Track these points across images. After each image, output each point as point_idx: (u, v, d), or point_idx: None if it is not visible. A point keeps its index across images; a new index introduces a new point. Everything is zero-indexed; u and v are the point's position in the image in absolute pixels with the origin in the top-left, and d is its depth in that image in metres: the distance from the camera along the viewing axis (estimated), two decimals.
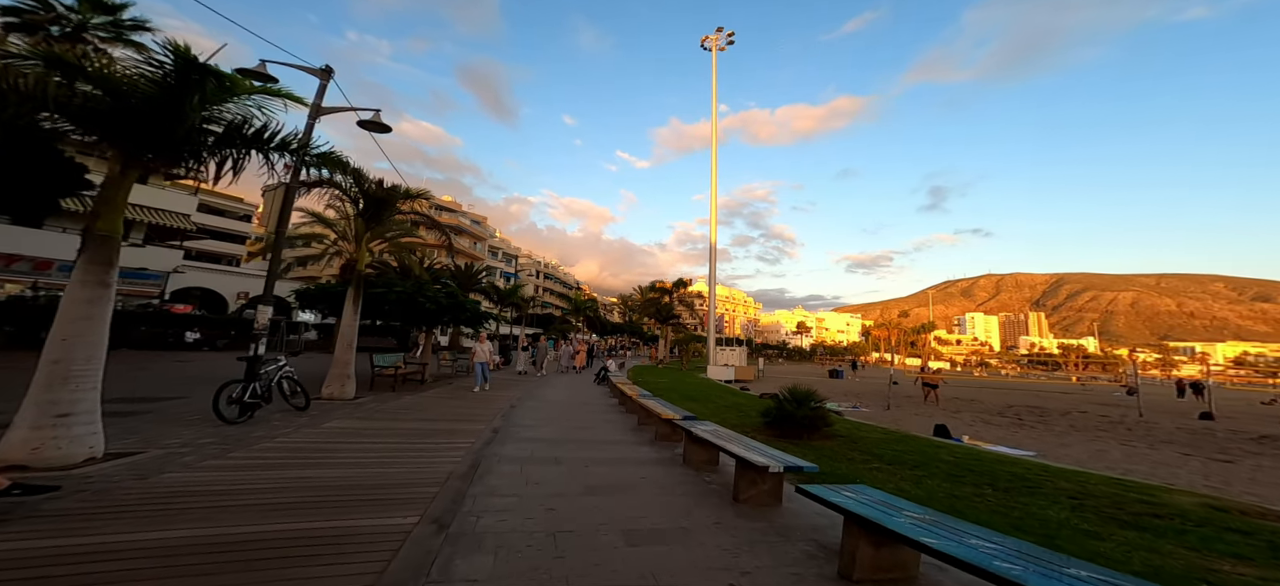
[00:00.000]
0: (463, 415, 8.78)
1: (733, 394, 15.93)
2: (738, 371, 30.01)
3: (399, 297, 12.40)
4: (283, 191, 7.54)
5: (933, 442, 8.04)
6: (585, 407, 10.91)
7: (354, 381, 9.61)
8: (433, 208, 62.46)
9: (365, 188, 9.92)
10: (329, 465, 5.01)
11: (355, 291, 9.79)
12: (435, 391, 11.90)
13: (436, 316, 13.46)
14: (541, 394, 12.97)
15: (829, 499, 3.25)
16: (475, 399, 11.04)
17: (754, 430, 8.54)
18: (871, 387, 29.77)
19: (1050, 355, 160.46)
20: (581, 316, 45.85)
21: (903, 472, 5.67)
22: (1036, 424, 14.66)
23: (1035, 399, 25.84)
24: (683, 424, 6.48)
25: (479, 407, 9.78)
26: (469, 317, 14.71)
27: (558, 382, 16.29)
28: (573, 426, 8.47)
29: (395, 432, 6.85)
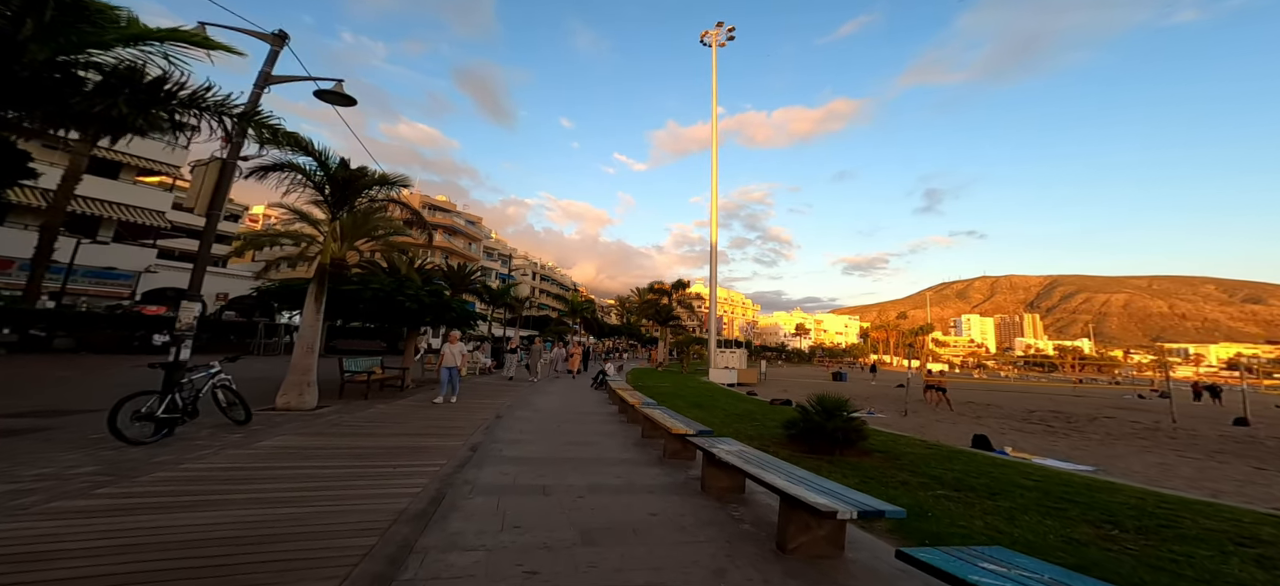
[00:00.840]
0: (438, 428, 7.56)
1: (741, 400, 14.77)
2: (741, 374, 28.87)
3: (375, 295, 11.15)
4: (216, 167, 6.32)
5: (989, 459, 6.90)
6: (581, 418, 9.71)
7: (315, 389, 8.37)
8: (425, 206, 61.25)
9: (330, 170, 8.71)
10: (233, 503, 3.77)
11: (318, 287, 8.55)
12: (415, 399, 10.66)
13: (418, 316, 12.22)
14: (533, 401, 11.75)
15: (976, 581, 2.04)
16: (457, 409, 9.81)
17: (777, 444, 7.38)
18: (879, 391, 28.69)
19: (1046, 357, 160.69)
20: (578, 318, 44.60)
21: (981, 502, 4.51)
22: (1070, 431, 13.58)
23: (1049, 402, 24.85)
24: (699, 442, 5.30)
25: (460, 419, 8.55)
26: (455, 318, 13.48)
27: (552, 388, 15.07)
28: (566, 441, 7.27)
29: (349, 452, 5.62)
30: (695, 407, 12.09)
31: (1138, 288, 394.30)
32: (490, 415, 9.18)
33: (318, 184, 9.03)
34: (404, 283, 12.59)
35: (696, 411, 11.44)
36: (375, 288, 11.35)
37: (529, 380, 15.24)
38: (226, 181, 6.48)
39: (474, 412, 9.37)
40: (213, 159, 6.39)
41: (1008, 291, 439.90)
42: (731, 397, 15.30)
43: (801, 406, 7.50)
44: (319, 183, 9.01)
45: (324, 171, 8.75)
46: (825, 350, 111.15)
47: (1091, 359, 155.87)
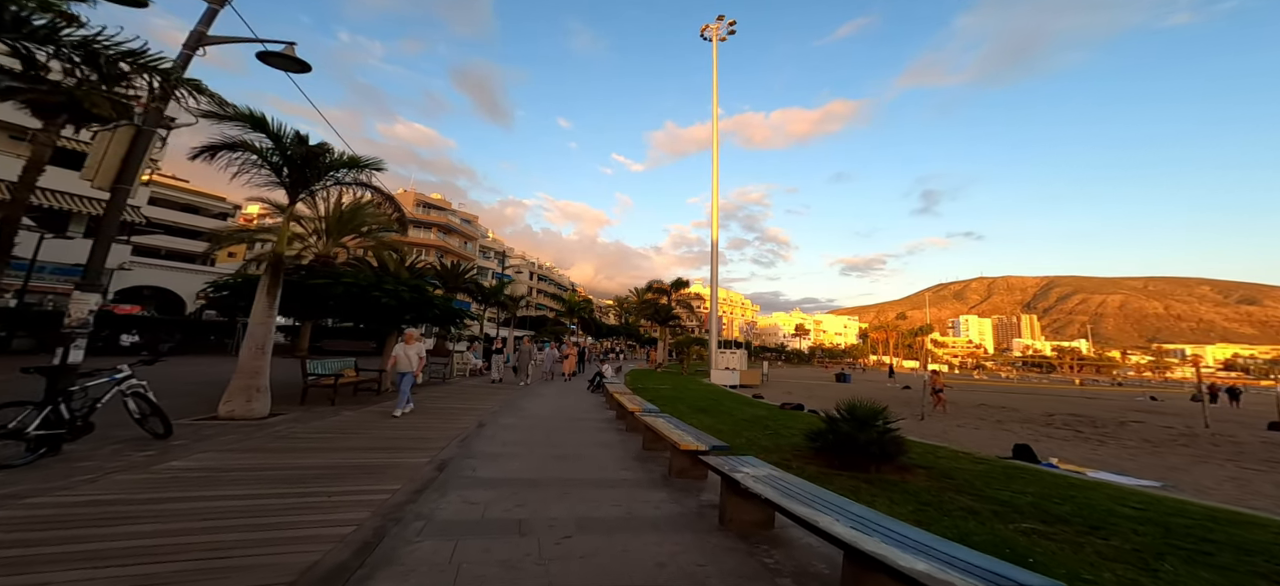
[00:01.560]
0: (405, 441, 6.47)
1: (748, 404, 13.73)
2: (742, 376, 27.85)
3: (347, 291, 10.05)
4: (125, 135, 5.23)
5: (1058, 478, 5.85)
6: (574, 426, 8.64)
7: (267, 395, 7.26)
8: (419, 204, 60.00)
9: (285, 149, 7.61)
10: (64, 561, 2.69)
11: (270, 281, 7.44)
12: (390, 406, 9.57)
13: (397, 314, 11.12)
14: (523, 406, 10.66)
15: None
16: (433, 417, 8.73)
17: (801, 457, 6.33)
18: (888, 394, 27.71)
19: (1044, 357, 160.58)
20: (576, 318, 43.46)
21: (1091, 543, 3.47)
22: (1103, 437, 12.59)
23: (1062, 404, 23.93)
24: (717, 464, 4.24)
25: (433, 429, 7.47)
26: (439, 316, 12.37)
27: (545, 392, 13.98)
28: (555, 456, 6.20)
29: (280, 474, 4.54)
30: (700, 413, 11.06)
31: (1134, 289, 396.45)
32: (471, 423, 8.09)
33: (273, 165, 7.92)
34: (381, 278, 11.49)
35: (701, 417, 10.40)
36: (347, 282, 10.24)
37: (519, 383, 14.11)
38: (139, 152, 5.37)
39: (452, 420, 8.28)
40: (121, 125, 5.30)
41: (1005, 292, 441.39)
42: (737, 401, 14.25)
43: (829, 416, 6.45)
44: (275, 163, 7.91)
45: (278, 147, 7.65)
46: (825, 351, 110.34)
47: (1090, 359, 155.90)
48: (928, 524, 3.88)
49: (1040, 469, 6.50)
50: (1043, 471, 6.23)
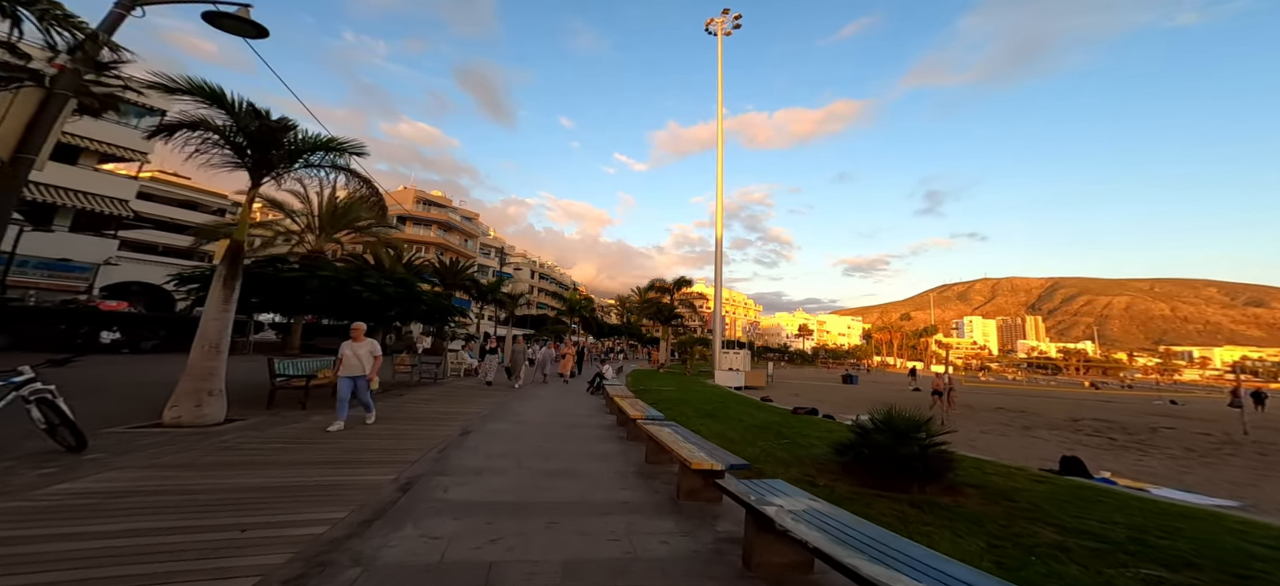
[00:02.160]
0: (370, 452, 5.65)
1: (758, 408, 12.86)
2: (747, 377, 26.97)
3: (324, 284, 9.23)
4: (31, 96, 4.40)
5: (1145, 502, 4.95)
6: (570, 434, 7.80)
7: (221, 399, 6.44)
8: (420, 201, 59.31)
9: (242, 122, 6.78)
10: None
11: (227, 271, 6.62)
12: (362, 411, 8.74)
13: (379, 309, 10.31)
14: (515, 410, 9.83)
15: None
16: (413, 424, 7.91)
17: (828, 473, 5.47)
18: (901, 396, 26.78)
19: (1050, 359, 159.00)
20: (577, 317, 42.65)
21: None
22: (1143, 446, 11.67)
23: (1082, 408, 22.97)
24: (738, 491, 3.39)
25: (409, 438, 6.64)
26: (427, 311, 11.55)
27: (541, 394, 13.14)
28: (545, 471, 5.36)
29: (194, 501, 3.69)
30: (707, 418, 10.21)
31: (1140, 290, 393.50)
32: (454, 430, 7.26)
33: (236, 145, 7.10)
34: (363, 272, 10.67)
35: (709, 423, 9.55)
36: (325, 275, 9.43)
37: (511, 385, 13.08)
38: (48, 119, 4.53)
39: (434, 427, 7.45)
40: (25, 86, 4.48)
41: (1009, 293, 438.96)
42: (746, 405, 13.38)
43: (860, 426, 5.59)
44: (238, 144, 7.08)
45: (235, 122, 6.83)
46: (828, 351, 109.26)
47: (1096, 361, 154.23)
48: (1014, 569, 3.02)
49: (1112, 489, 5.61)
50: (1116, 492, 5.35)
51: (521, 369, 13.09)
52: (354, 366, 6.74)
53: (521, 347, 13.54)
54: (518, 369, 13.02)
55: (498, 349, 12.81)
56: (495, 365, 12.86)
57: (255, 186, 7.23)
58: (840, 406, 18.13)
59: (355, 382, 6.77)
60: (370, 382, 6.86)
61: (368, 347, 6.86)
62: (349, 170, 8.19)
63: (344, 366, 6.73)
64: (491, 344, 12.90)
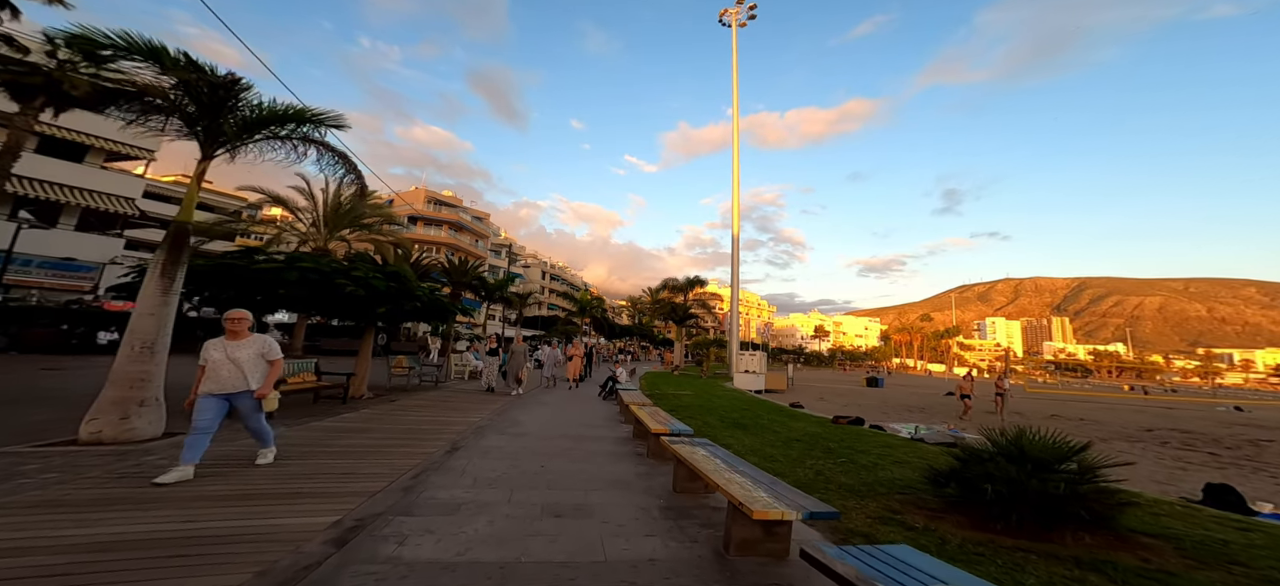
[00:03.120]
0: (321, 479, 4.46)
1: (792, 416, 11.44)
2: (768, 379, 25.39)
3: (303, 277, 8.15)
4: None
5: None
6: (578, 446, 6.55)
7: (157, 411, 5.34)
8: (430, 201, 59.02)
9: (184, 82, 5.69)
10: None
11: (166, 258, 5.52)
12: (342, 418, 7.63)
13: (366, 305, 9.21)
14: (518, 419, 8.62)
15: None
16: (390, 437, 6.76)
17: (921, 509, 4.08)
18: (933, 401, 24.98)
19: (1080, 361, 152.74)
20: (587, 317, 41.53)
21: None
22: (1259, 464, 9.90)
23: (1144, 416, 20.88)
24: (844, 570, 2.06)
25: (383, 455, 5.46)
26: (422, 309, 10.43)
27: (548, 399, 11.93)
28: (544, 507, 4.10)
29: (28, 565, 2.52)
30: (736, 428, 8.87)
31: (1173, 290, 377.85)
32: (440, 447, 6.06)
33: (182, 111, 6.02)
34: (353, 264, 9.60)
35: (739, 435, 8.22)
36: (304, 267, 8.34)
37: (509, 393, 11.34)
38: None
39: (415, 442, 6.26)
40: None
41: (1032, 294, 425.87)
42: (776, 412, 11.97)
43: (967, 450, 4.20)
44: (184, 109, 6.00)
45: (186, 91, 5.75)
46: (845, 353, 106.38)
47: (1130, 364, 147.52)
48: None
49: None
50: None
51: (523, 373, 11.65)
52: (227, 379, 4.23)
53: (522, 348, 11.74)
54: (518, 373, 11.55)
55: (499, 350, 11.49)
56: (495, 369, 11.57)
57: (206, 158, 6.14)
58: (875, 412, 16.55)
59: (233, 403, 4.31)
60: (262, 403, 4.39)
61: (255, 348, 4.45)
62: (323, 145, 7.07)
63: (209, 378, 4.22)
64: (491, 344, 11.60)
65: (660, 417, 6.94)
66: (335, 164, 7.15)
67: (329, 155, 7.04)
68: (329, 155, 7.04)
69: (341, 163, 7.20)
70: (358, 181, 7.60)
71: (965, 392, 17.15)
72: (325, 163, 7.08)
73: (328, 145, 7.10)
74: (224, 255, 8.90)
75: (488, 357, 11.45)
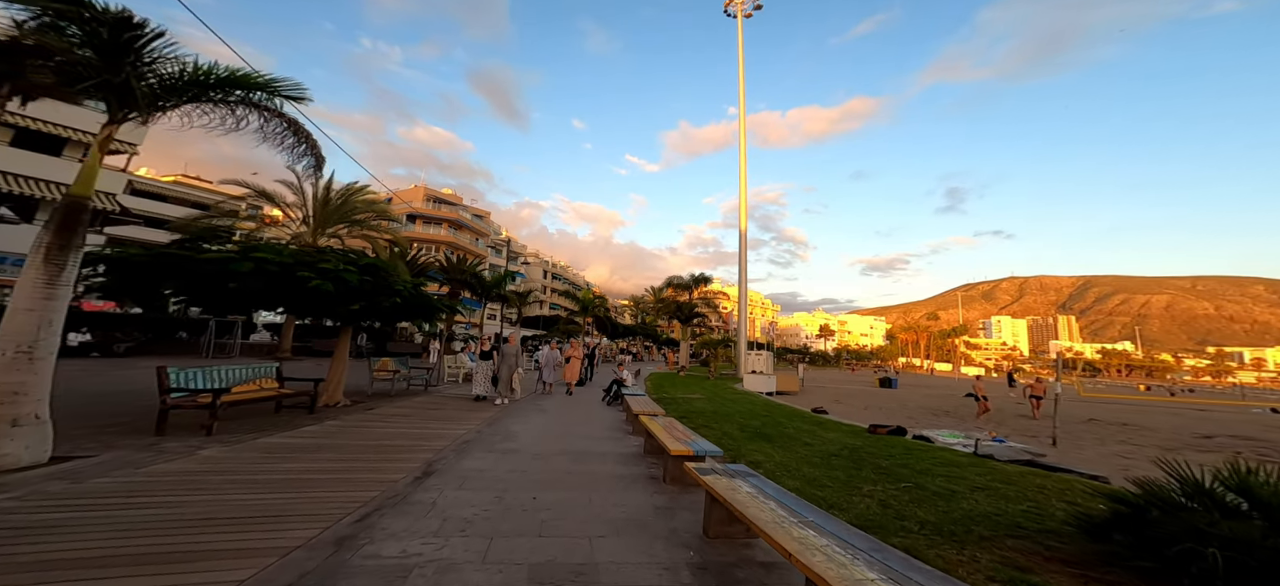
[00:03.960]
0: (238, 517, 3.30)
1: (819, 424, 10.23)
2: (780, 381, 24.17)
3: (259, 268, 6.99)
4: None
5: None
6: (578, 476, 5.38)
7: (38, 431, 4.19)
8: (430, 199, 57.95)
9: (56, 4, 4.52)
10: None
11: (53, 240, 4.40)
12: (299, 433, 6.49)
13: (338, 303, 8.06)
14: (510, 430, 7.46)
15: None
16: (364, 452, 5.62)
17: (1069, 570, 2.88)
18: (955, 403, 23.72)
19: (1089, 361, 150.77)
20: (589, 316, 40.37)
21: None
22: None
23: (1181, 419, 19.58)
24: None
25: (336, 481, 4.32)
26: (402, 306, 9.25)
27: (547, 407, 10.76)
28: (533, 570, 2.93)
29: None
30: (759, 440, 7.69)
31: (1180, 288, 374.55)
32: (411, 470, 4.91)
33: (82, 62, 4.84)
34: (320, 256, 8.43)
35: (764, 448, 7.06)
36: (259, 256, 7.19)
37: (500, 400, 9.91)
38: None
39: (381, 464, 5.10)
40: None
41: (1037, 292, 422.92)
42: (800, 419, 10.77)
43: (1153, 492, 2.98)
44: (83, 59, 4.83)
45: (82, 35, 4.60)
46: (851, 353, 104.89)
47: (1139, 363, 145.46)
48: None
49: None
50: None
51: (515, 377, 10.08)
52: None
53: (516, 349, 10.11)
54: (509, 378, 10.01)
55: (494, 352, 10.09)
56: (484, 374, 10.03)
57: (114, 121, 4.99)
58: (899, 415, 15.33)
59: None
60: None
61: None
62: (268, 110, 5.89)
63: None
64: (485, 345, 10.09)
65: (678, 432, 5.76)
66: (284, 133, 5.97)
67: (276, 123, 5.86)
68: (276, 123, 5.86)
69: (291, 132, 6.02)
70: (312, 155, 6.43)
71: (980, 394, 16.70)
72: (271, 132, 5.90)
73: (274, 110, 5.93)
74: (169, 245, 7.75)
75: (480, 361, 10.05)
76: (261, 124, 5.75)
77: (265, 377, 7.29)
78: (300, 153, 6.25)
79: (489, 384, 9.76)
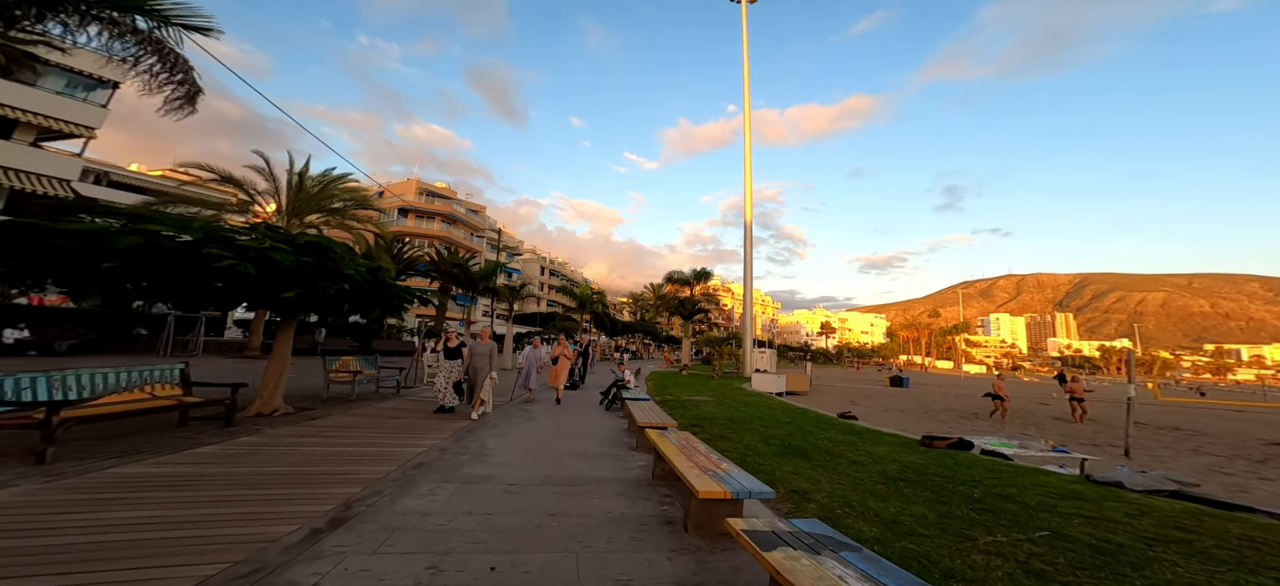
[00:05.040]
0: None
1: (857, 434, 8.67)
2: (789, 380, 22.62)
3: (148, 243, 5.35)
4: None
5: None
6: (568, 512, 3.82)
7: None
8: (423, 192, 56.10)
9: None
10: None
11: None
12: (187, 456, 4.90)
13: (265, 290, 6.43)
14: (483, 448, 5.88)
15: None
16: (259, 483, 4.02)
17: None
18: (975, 403, 22.25)
19: (1087, 358, 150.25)
20: (587, 313, 38.73)
21: None
22: None
23: (1225, 422, 18.15)
24: None
25: (163, 548, 2.70)
26: (350, 295, 7.59)
27: (534, 415, 9.18)
28: None
29: None
30: (792, 456, 6.15)
31: (1177, 286, 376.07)
32: (313, 517, 3.31)
33: None
34: (236, 230, 6.77)
35: (800, 466, 5.54)
36: (153, 229, 5.56)
37: (467, 412, 7.64)
38: None
39: (278, 505, 3.51)
40: None
41: (1035, 290, 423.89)
42: (832, 428, 9.22)
43: None
44: None
45: None
46: (852, 350, 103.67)
47: (1140, 360, 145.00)
48: None
49: None
50: None
51: (486, 384, 7.58)
52: None
53: (489, 347, 7.80)
54: (479, 384, 7.65)
55: (462, 349, 8.10)
56: (447, 379, 7.86)
57: None
58: (925, 419, 13.83)
59: None
60: None
61: None
62: (113, 22, 4.23)
63: None
64: (451, 340, 8.17)
65: (699, 455, 4.19)
66: (137, 48, 4.30)
67: (129, 39, 4.19)
68: (129, 39, 4.19)
69: (153, 51, 4.34)
70: (183, 85, 4.77)
71: (997, 393, 15.58)
72: (118, 46, 4.23)
73: (126, 26, 4.25)
74: (34, 216, 6.08)
75: (445, 361, 7.97)
76: (107, 37, 4.09)
77: (161, 382, 5.66)
78: (162, 81, 4.58)
79: (452, 391, 7.87)
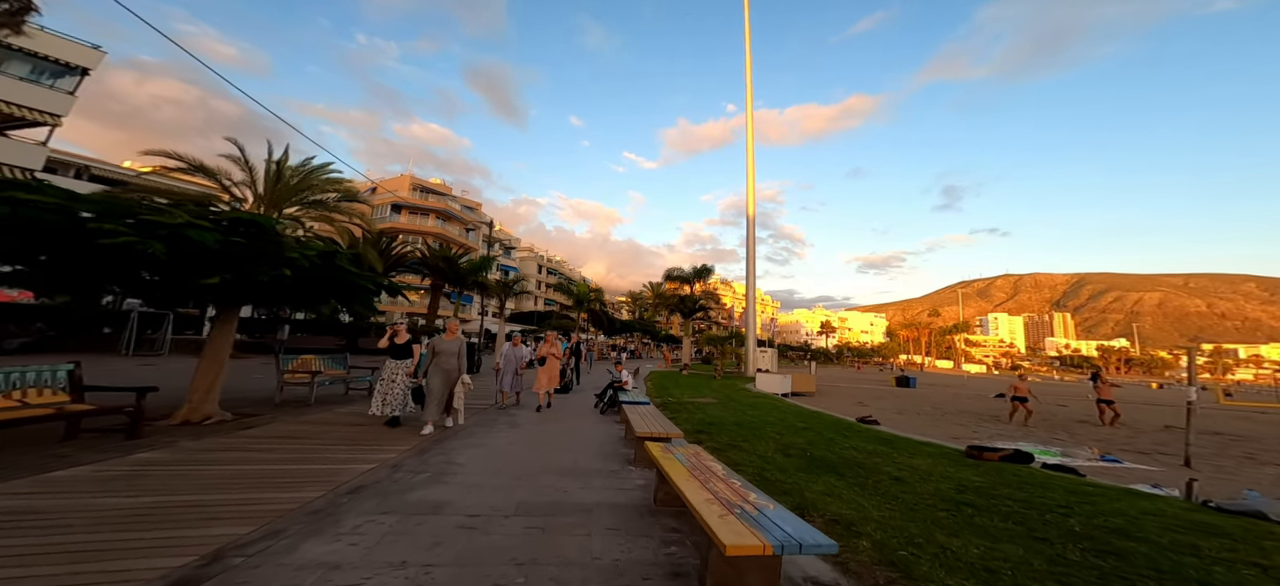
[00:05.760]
0: None
1: (892, 445, 7.62)
2: (795, 381, 21.56)
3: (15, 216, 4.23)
4: None
5: None
6: (544, 557, 2.67)
7: None
8: (417, 189, 54.81)
9: None
10: None
11: None
12: (42, 482, 3.77)
13: (179, 276, 5.32)
14: (447, 465, 4.85)
15: None
16: (106, 524, 2.88)
17: None
18: (992, 404, 21.25)
19: (1085, 358, 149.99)
20: (584, 311, 37.59)
21: None
22: None
23: (1245, 422, 17.19)
24: None
25: None
26: (296, 284, 6.46)
27: (519, 421, 8.11)
28: None
29: None
30: (824, 472, 5.08)
31: (1173, 286, 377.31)
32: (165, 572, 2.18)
33: None
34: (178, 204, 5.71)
35: (836, 486, 4.48)
36: (25, 198, 4.45)
37: (430, 425, 6.10)
38: None
39: (127, 556, 2.37)
40: None
41: (1032, 290, 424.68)
42: (857, 436, 8.16)
43: None
44: None
45: None
46: (852, 350, 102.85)
47: (1137, 359, 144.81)
48: None
49: None
50: None
51: (456, 391, 6.24)
52: None
53: (457, 343, 6.24)
54: (446, 390, 6.19)
55: (412, 347, 6.61)
56: (398, 380, 6.43)
57: None
58: (951, 422, 12.80)
59: None
60: None
61: None
62: None
63: None
64: (401, 336, 6.60)
65: (718, 484, 3.10)
66: None
67: None
68: None
69: None
70: None
71: (1020, 394, 14.39)
72: None
73: None
74: None
75: (390, 360, 6.44)
76: None
77: (39, 387, 4.54)
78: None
79: (403, 399, 6.38)
